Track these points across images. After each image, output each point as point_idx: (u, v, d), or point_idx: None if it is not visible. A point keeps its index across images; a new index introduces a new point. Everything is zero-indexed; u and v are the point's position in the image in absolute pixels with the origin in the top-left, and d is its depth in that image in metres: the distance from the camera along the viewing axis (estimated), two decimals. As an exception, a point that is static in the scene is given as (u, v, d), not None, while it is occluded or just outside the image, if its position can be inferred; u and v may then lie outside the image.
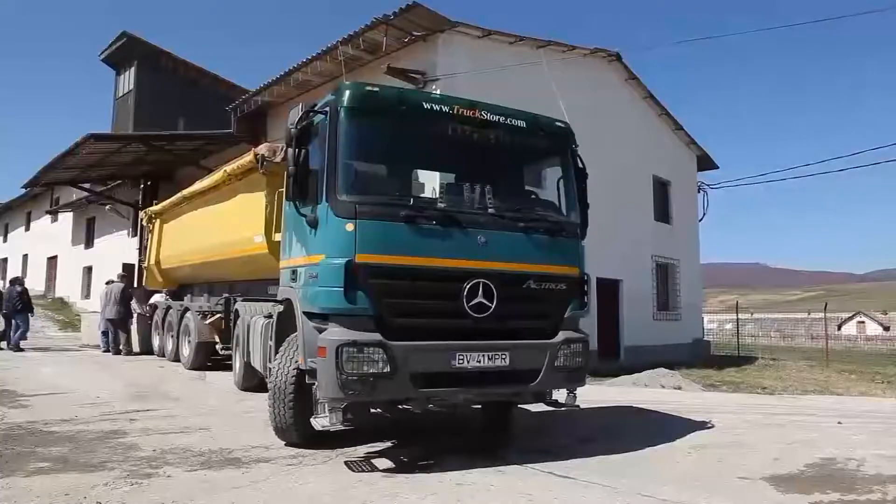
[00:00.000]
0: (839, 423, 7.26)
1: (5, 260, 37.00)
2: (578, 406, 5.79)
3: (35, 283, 31.54)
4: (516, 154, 6.06)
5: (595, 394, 9.22)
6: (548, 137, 5.98)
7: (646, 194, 17.98)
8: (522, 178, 6.34)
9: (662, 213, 18.85)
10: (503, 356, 5.11)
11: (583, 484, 4.67)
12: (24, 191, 28.52)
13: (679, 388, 11.24)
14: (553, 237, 5.58)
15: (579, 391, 5.74)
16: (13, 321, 15.01)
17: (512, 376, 5.23)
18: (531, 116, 5.80)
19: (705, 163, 21.36)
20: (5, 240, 38.67)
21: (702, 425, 7.05)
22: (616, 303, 16.35)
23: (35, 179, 20.88)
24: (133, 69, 23.41)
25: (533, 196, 6.26)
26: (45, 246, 32.03)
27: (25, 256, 34.84)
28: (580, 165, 6.04)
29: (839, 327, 59.74)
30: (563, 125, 6.05)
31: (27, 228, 35.12)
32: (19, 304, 15.04)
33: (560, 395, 5.69)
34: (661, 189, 18.94)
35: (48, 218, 31.10)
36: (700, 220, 20.74)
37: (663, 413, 7.93)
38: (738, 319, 26.26)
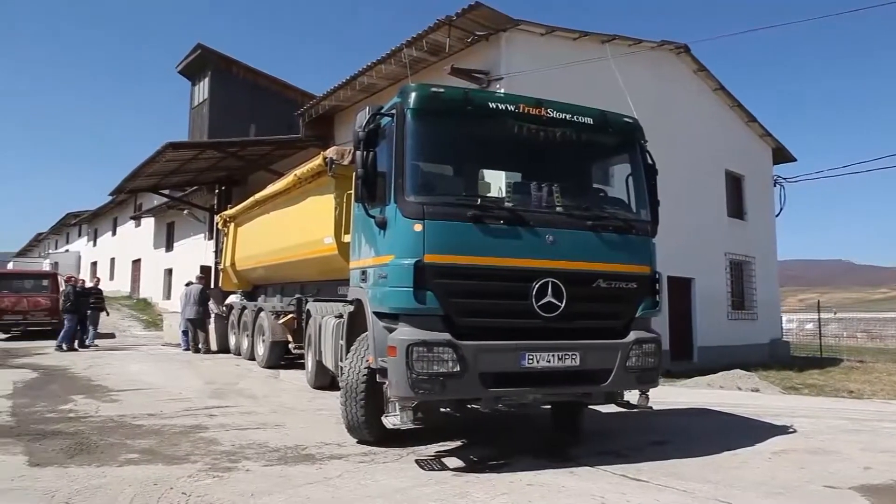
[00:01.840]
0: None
1: (95, 263, 39.24)
2: (651, 407, 5.68)
3: (121, 285, 33.37)
4: (584, 151, 5.98)
5: (668, 395, 8.99)
6: (616, 134, 5.87)
7: (718, 190, 17.36)
8: (590, 175, 6.26)
9: (736, 208, 18.16)
10: (573, 356, 5.06)
11: (656, 487, 4.56)
12: (110, 198, 30.12)
13: (756, 391, 10.80)
14: (623, 235, 5.48)
15: (651, 392, 5.62)
16: (86, 321, 15.86)
17: (582, 376, 5.17)
18: (598, 113, 5.72)
19: (781, 155, 20.41)
20: (95, 244, 41.02)
21: (782, 430, 6.76)
22: (688, 302, 15.86)
23: (120, 187, 22.07)
24: (207, 79, 24.33)
25: (602, 194, 6.17)
26: (129, 249, 33.79)
27: (113, 260, 36.85)
28: (650, 161, 5.91)
29: (933, 327, 55.86)
30: (631, 120, 5.93)
31: (114, 233, 37.10)
32: (92, 304, 15.92)
33: (632, 396, 5.58)
34: (735, 184, 18.25)
35: (132, 223, 32.70)
36: (777, 216, 19.86)
37: (740, 416, 7.65)
38: (819, 319, 24.97)
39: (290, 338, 11.20)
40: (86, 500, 4.06)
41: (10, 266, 29.33)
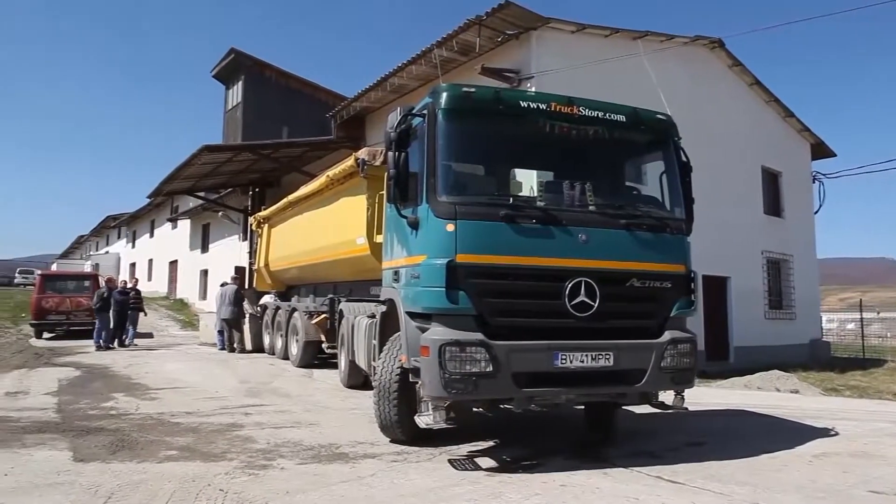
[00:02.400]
0: None
1: (134, 264, 40.19)
2: (686, 408, 5.60)
3: (159, 286, 34.08)
4: (617, 149, 5.93)
5: (703, 396, 8.85)
6: (649, 131, 5.81)
7: (754, 187, 17.01)
8: (623, 173, 6.20)
9: (773, 206, 17.77)
10: (607, 356, 5.01)
11: (692, 489, 4.49)
12: (148, 200, 30.81)
13: (796, 392, 10.55)
14: (657, 234, 5.41)
15: (687, 393, 5.54)
16: (125, 321, 16.25)
17: (616, 377, 5.12)
18: (631, 110, 5.66)
19: (821, 151, 19.91)
20: (133, 246, 42.00)
21: (823, 432, 6.59)
22: (724, 301, 15.58)
23: (157, 190, 22.58)
24: (240, 83, 24.72)
25: (635, 192, 6.10)
26: (166, 251, 34.50)
27: (150, 261, 37.69)
28: (684, 159, 5.83)
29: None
30: (664, 117, 5.86)
31: (151, 235, 37.94)
32: (131, 305, 16.31)
33: (667, 396, 5.51)
34: (772, 181, 17.85)
35: (169, 225, 33.38)
36: (815, 213, 19.37)
37: (779, 418, 7.48)
38: (861, 318, 24.28)
39: (323, 337, 11.31)
40: (127, 495, 4.16)
41: (53, 268, 30.27)
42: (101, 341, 15.30)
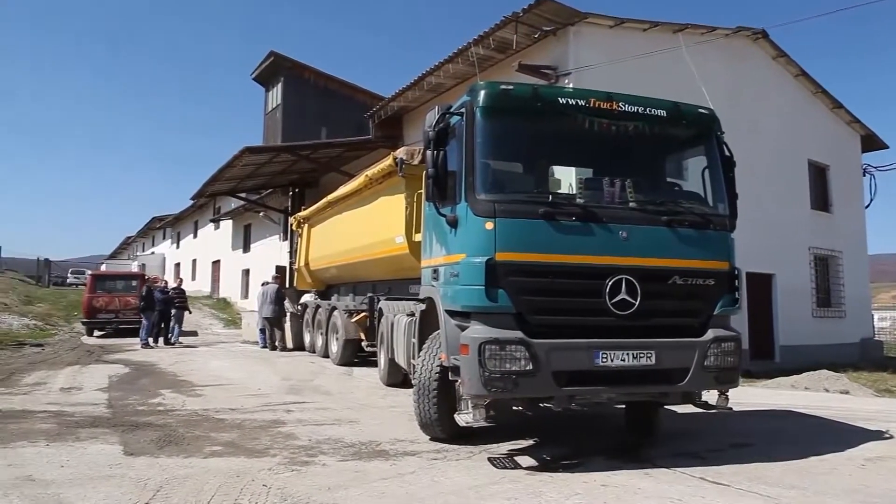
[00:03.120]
0: None
1: (178, 264, 41.21)
2: (730, 408, 5.46)
3: (202, 285, 34.87)
4: (658, 145, 5.83)
5: (748, 396, 8.64)
6: (691, 125, 5.70)
7: (801, 181, 16.53)
8: (665, 169, 6.10)
9: (820, 200, 17.24)
10: (649, 354, 4.94)
11: (738, 492, 4.40)
12: (191, 202, 31.55)
13: (846, 393, 10.23)
14: (700, 230, 5.31)
15: (731, 393, 5.41)
16: (170, 320, 16.67)
17: (658, 376, 5.04)
18: (672, 104, 5.56)
19: (872, 143, 19.21)
20: (178, 246, 43.07)
21: (877, 435, 6.37)
22: (769, 299, 15.19)
23: (201, 191, 23.11)
24: (280, 85, 25.09)
25: (676, 188, 6.00)
26: (209, 251, 35.28)
27: (194, 261, 38.57)
28: (727, 153, 5.71)
29: None
30: (706, 111, 5.75)
31: (195, 236, 38.82)
32: (176, 304, 16.73)
33: (710, 396, 5.40)
34: (819, 174, 17.32)
35: (212, 226, 34.06)
36: (866, 207, 18.73)
37: (829, 419, 7.26)
38: (916, 317, 23.43)
39: (362, 336, 11.42)
40: (175, 489, 4.28)
41: (102, 268, 31.18)
42: (147, 339, 15.74)
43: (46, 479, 4.45)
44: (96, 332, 19.67)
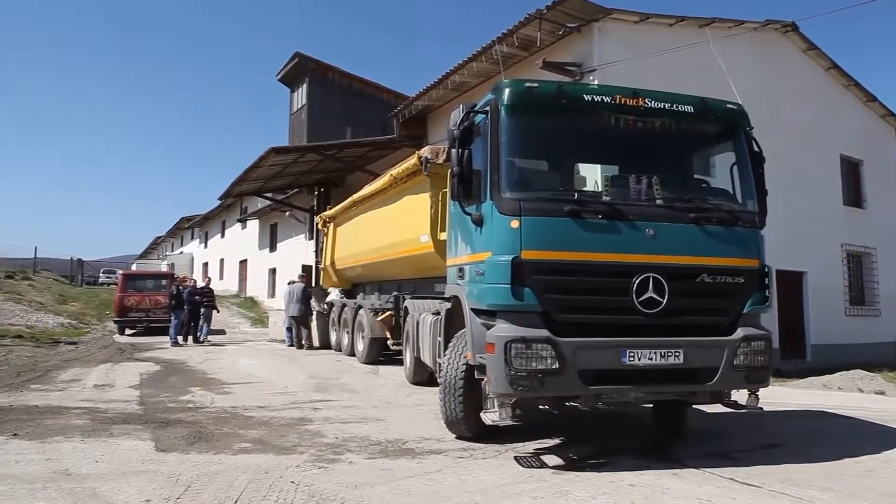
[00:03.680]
0: None
1: (206, 264, 41.85)
2: (761, 408, 5.38)
3: (230, 284, 35.34)
4: (685, 141, 5.76)
5: (779, 396, 8.50)
6: (719, 121, 5.62)
7: (832, 176, 16.19)
8: (692, 166, 6.02)
9: (853, 196, 16.88)
10: (677, 353, 4.88)
11: (769, 493, 4.33)
12: (219, 202, 32.01)
13: (881, 394, 10.00)
14: (728, 227, 5.24)
15: (761, 392, 5.33)
16: (199, 318, 16.93)
17: (686, 375, 4.98)
18: (699, 100, 5.48)
19: (907, 136, 18.76)
20: (206, 246, 43.73)
21: (914, 435, 6.22)
22: (799, 297, 14.92)
23: (228, 191, 23.43)
24: (305, 86, 25.30)
25: (704, 185, 5.93)
26: (236, 250, 35.74)
27: (222, 260, 39.14)
28: (756, 149, 5.61)
29: None
30: (734, 107, 5.65)
31: (222, 235, 39.38)
32: (205, 303, 16.99)
33: (740, 396, 5.32)
34: (852, 170, 16.96)
35: (239, 225, 34.50)
36: (902, 203, 18.27)
37: (863, 420, 7.11)
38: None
39: (388, 334, 11.46)
40: (205, 485, 4.35)
41: (133, 268, 31.78)
42: (176, 338, 16.02)
43: (82, 474, 4.56)
44: (127, 331, 20.06)
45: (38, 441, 5.54)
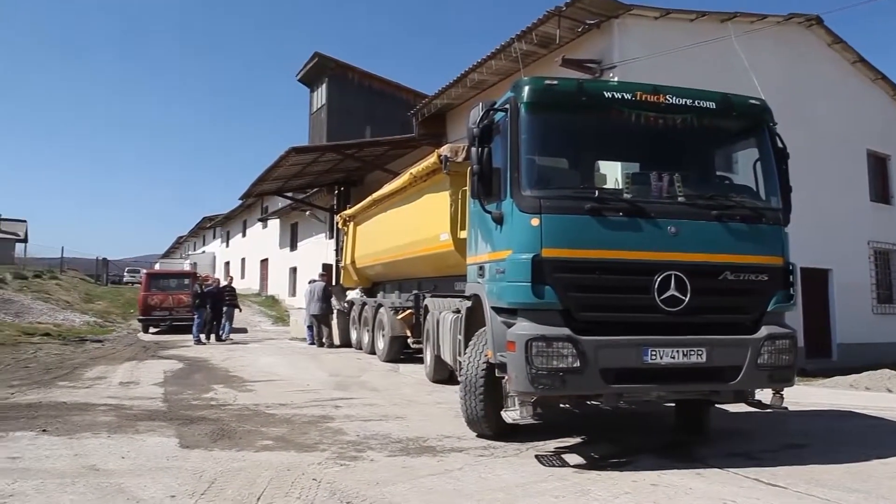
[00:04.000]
0: None
1: (228, 263, 42.27)
2: (786, 408, 5.31)
3: (251, 283, 35.67)
4: (707, 137, 5.70)
5: (804, 395, 8.38)
6: (741, 117, 5.56)
7: (859, 172, 15.91)
8: (714, 162, 5.96)
9: (881, 192, 16.56)
10: (699, 352, 4.84)
11: (795, 494, 4.27)
12: (240, 202, 32.28)
13: (910, 393, 9.82)
14: (752, 224, 5.18)
15: (786, 392, 5.25)
16: (221, 317, 17.11)
17: (709, 373, 4.94)
18: (721, 96, 5.43)
19: (936, 131, 18.35)
20: (227, 245, 44.16)
21: (944, 436, 6.10)
22: (824, 295, 14.69)
23: (249, 191, 23.63)
24: (324, 86, 25.41)
25: (727, 181, 5.86)
26: (257, 249, 36.06)
27: (243, 259, 39.51)
28: (780, 145, 5.54)
29: None
30: (757, 102, 5.58)
31: (244, 235, 39.73)
32: (227, 301, 17.16)
33: (764, 395, 5.26)
34: (879, 165, 16.64)
35: (260, 225, 34.81)
36: (932, 198, 17.88)
37: (892, 421, 6.99)
38: None
39: (408, 333, 11.49)
40: (228, 481, 4.40)
41: (157, 267, 32.22)
42: (199, 336, 16.21)
43: (109, 469, 4.64)
44: (151, 329, 20.33)
45: (67, 437, 5.64)
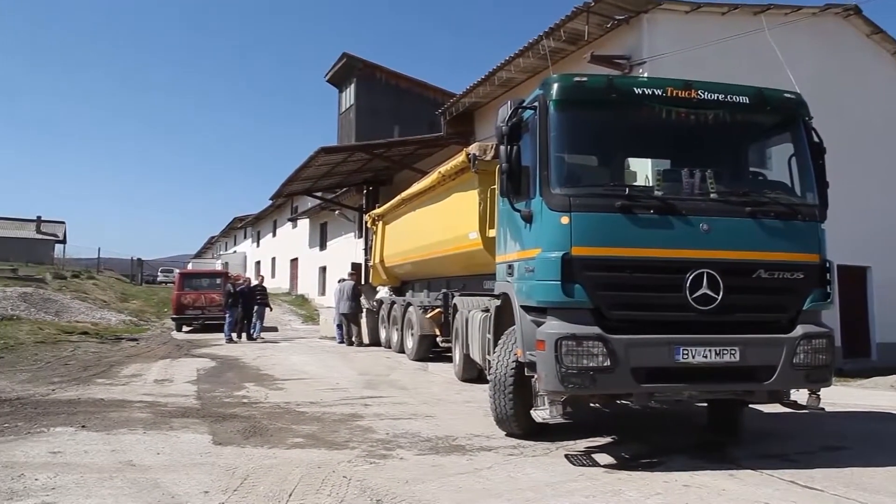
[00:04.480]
0: None
1: (258, 262, 42.83)
2: (822, 409, 5.19)
3: (281, 282, 36.08)
4: (740, 133, 5.60)
5: (842, 396, 8.19)
6: (776, 112, 5.44)
7: (899, 167, 15.45)
8: (748, 158, 5.86)
9: (923, 187, 16.06)
10: (733, 351, 4.76)
11: (833, 497, 4.17)
12: (270, 202, 32.68)
13: (953, 394, 9.51)
14: (787, 221, 5.07)
15: (823, 392, 5.13)
16: (252, 316, 17.32)
17: (743, 373, 4.85)
18: (755, 90, 5.32)
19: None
20: (258, 245, 44.75)
21: None
22: (863, 293, 14.30)
23: (279, 191, 23.90)
24: (353, 86, 25.61)
25: (761, 177, 5.76)
26: (287, 249, 36.47)
27: (273, 259, 40.00)
28: (815, 140, 5.42)
29: None
30: (792, 96, 5.46)
31: (274, 234, 40.22)
32: (258, 300, 17.37)
33: (799, 395, 5.15)
34: (921, 159, 16.12)
35: (290, 225, 35.20)
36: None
37: (934, 422, 6.79)
38: None
39: (437, 331, 11.49)
40: (260, 478, 4.46)
41: (189, 267, 32.78)
42: (230, 334, 16.45)
43: (145, 465, 4.75)
44: (184, 328, 20.69)
45: (105, 433, 5.78)
